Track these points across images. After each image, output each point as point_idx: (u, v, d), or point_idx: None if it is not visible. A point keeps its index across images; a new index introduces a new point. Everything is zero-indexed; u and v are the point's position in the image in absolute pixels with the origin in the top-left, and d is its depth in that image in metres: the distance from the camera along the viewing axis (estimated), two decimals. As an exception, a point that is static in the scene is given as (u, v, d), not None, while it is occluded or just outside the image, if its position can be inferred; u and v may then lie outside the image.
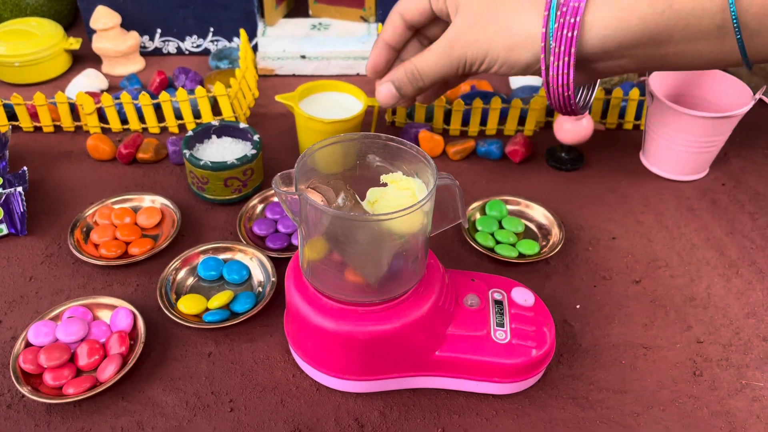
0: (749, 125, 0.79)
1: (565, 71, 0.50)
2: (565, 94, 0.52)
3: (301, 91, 0.69)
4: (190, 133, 0.65)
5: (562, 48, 0.49)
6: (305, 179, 0.44)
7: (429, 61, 0.56)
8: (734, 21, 0.46)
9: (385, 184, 0.45)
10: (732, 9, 0.46)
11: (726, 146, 0.74)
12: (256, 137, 0.65)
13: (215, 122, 0.66)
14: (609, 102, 0.77)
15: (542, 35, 0.50)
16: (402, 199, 0.44)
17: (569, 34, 0.49)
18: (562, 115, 0.57)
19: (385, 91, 0.59)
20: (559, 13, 0.49)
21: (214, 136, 0.67)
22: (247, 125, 0.67)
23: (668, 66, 0.52)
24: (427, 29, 0.60)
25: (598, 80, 0.58)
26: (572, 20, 0.49)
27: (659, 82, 0.70)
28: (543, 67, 0.51)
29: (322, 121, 0.65)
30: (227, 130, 0.67)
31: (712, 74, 0.71)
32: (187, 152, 0.62)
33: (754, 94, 0.67)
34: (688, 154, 0.68)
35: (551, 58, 0.50)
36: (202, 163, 0.61)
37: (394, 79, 0.59)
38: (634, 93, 0.75)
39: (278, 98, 0.67)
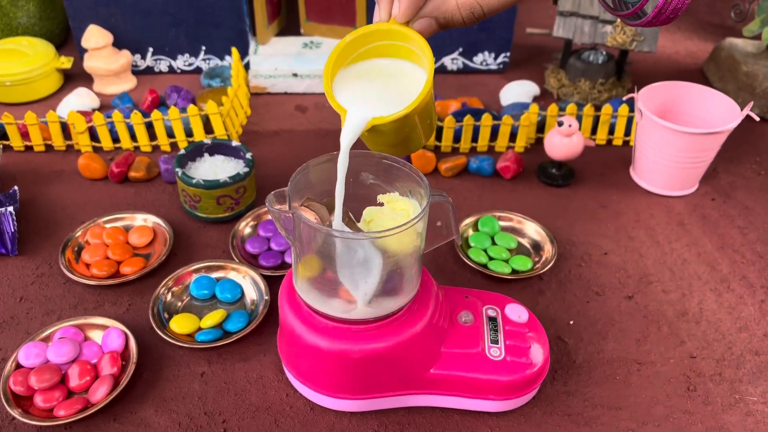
0: (738, 141, 0.80)
1: None
2: None
3: (334, 61, 0.42)
4: (182, 151, 0.65)
5: None
6: (299, 197, 0.44)
7: None
8: None
9: (381, 204, 0.46)
10: None
11: (715, 161, 0.75)
12: (248, 155, 0.65)
13: (207, 140, 0.67)
14: (599, 118, 0.77)
15: None
16: (398, 219, 0.44)
17: None
18: (667, 22, 0.42)
19: (424, 22, 0.42)
20: None
21: (206, 154, 0.67)
22: (239, 143, 0.67)
23: None
24: None
25: None
26: None
27: (648, 98, 0.71)
28: None
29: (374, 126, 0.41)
30: (219, 148, 0.67)
31: (701, 91, 0.72)
32: (179, 171, 0.63)
33: (742, 110, 0.68)
34: (678, 170, 0.69)
35: None
36: (194, 181, 0.62)
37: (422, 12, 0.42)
38: (624, 109, 0.76)
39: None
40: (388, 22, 0.42)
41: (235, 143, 0.67)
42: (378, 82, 0.43)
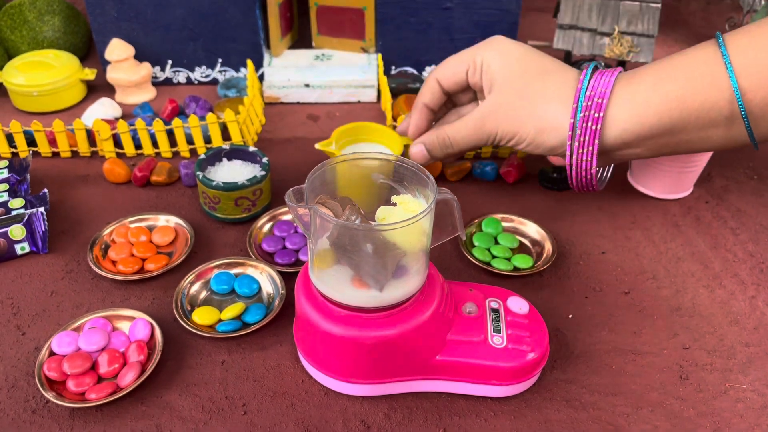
0: (731, 147, 0.83)
1: (589, 158, 0.57)
2: (588, 176, 0.59)
3: (337, 137, 0.69)
4: (202, 156, 0.69)
5: (587, 138, 0.56)
6: (314, 195, 0.48)
7: (462, 131, 0.62)
8: (742, 112, 0.53)
9: (395, 204, 0.49)
10: (739, 102, 0.53)
11: (709, 166, 0.79)
12: (264, 159, 0.69)
13: (226, 146, 0.70)
14: (597, 126, 0.81)
15: (570, 125, 0.56)
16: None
17: (593, 127, 0.55)
18: (579, 191, 0.64)
19: (417, 151, 0.65)
20: (584, 106, 0.56)
21: (224, 159, 0.71)
22: (255, 149, 0.71)
23: (681, 151, 0.59)
24: (458, 96, 0.67)
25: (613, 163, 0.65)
26: (596, 115, 0.55)
27: (644, 106, 0.75)
28: (568, 153, 0.58)
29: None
30: (237, 153, 0.71)
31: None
32: (200, 174, 0.66)
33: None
34: (673, 174, 0.72)
35: (575, 145, 0.57)
36: (214, 184, 0.65)
37: (427, 142, 0.64)
38: (621, 117, 0.79)
39: (318, 146, 0.68)
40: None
41: (251, 149, 0.71)
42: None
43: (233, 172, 0.69)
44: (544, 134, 0.58)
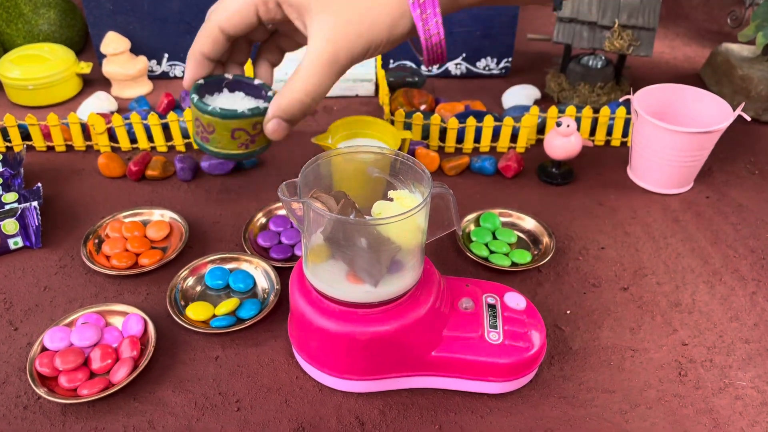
0: (733, 141, 0.82)
1: (437, 19, 0.50)
2: (439, 39, 0.51)
3: (333, 131, 0.70)
4: (201, 81, 0.56)
5: (427, 5, 0.49)
6: (308, 188, 0.47)
7: (314, 80, 0.51)
8: None
9: (391, 199, 0.49)
10: None
11: (710, 161, 0.78)
12: (270, 93, 0.57)
13: (228, 75, 0.58)
14: (597, 120, 0.80)
15: (409, 2, 0.50)
16: None
17: None
18: (431, 65, 0.55)
19: (276, 127, 0.54)
20: None
21: (225, 90, 0.59)
22: (261, 81, 0.58)
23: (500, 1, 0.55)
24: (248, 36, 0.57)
25: None
26: None
27: (644, 100, 0.74)
28: (419, 25, 0.50)
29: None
30: (240, 85, 0.59)
31: (695, 93, 0.75)
32: (194, 97, 0.55)
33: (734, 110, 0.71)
34: (673, 169, 0.72)
35: (424, 15, 0.50)
36: (210, 108, 0.54)
37: (282, 113, 0.53)
38: (621, 111, 0.79)
39: (314, 141, 0.68)
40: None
41: (257, 81, 0.58)
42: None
43: (234, 104, 0.58)
44: (398, 25, 0.50)
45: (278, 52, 0.59)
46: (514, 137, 0.80)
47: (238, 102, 0.58)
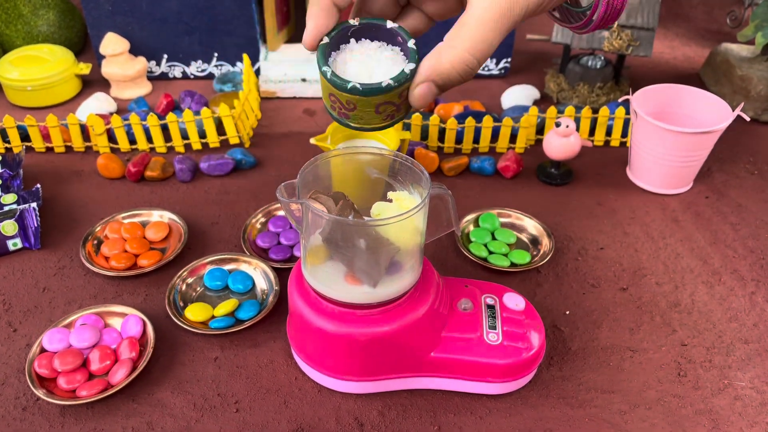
0: (732, 141, 0.82)
1: None
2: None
3: (332, 132, 0.69)
4: (325, 39, 0.45)
5: None
6: (307, 190, 0.47)
7: (482, 35, 0.41)
8: None
9: (390, 200, 0.49)
10: None
11: (709, 161, 0.78)
12: (410, 43, 0.45)
13: (354, 22, 0.47)
14: (596, 120, 0.80)
15: None
16: None
17: None
18: (600, 28, 0.46)
19: (425, 92, 0.43)
20: None
21: (352, 41, 0.47)
22: (395, 24, 0.46)
23: None
24: None
25: None
26: None
27: (643, 100, 0.74)
28: None
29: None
30: (370, 31, 0.47)
31: (694, 93, 0.75)
32: (327, 70, 0.44)
33: (733, 111, 0.71)
34: (672, 169, 0.72)
35: None
36: (350, 86, 0.43)
37: (438, 76, 0.43)
38: (620, 111, 0.79)
39: (313, 141, 0.68)
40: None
41: (390, 24, 0.46)
42: None
43: (369, 62, 0.47)
44: None
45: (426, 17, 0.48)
46: (513, 138, 0.80)
47: (373, 57, 0.47)
